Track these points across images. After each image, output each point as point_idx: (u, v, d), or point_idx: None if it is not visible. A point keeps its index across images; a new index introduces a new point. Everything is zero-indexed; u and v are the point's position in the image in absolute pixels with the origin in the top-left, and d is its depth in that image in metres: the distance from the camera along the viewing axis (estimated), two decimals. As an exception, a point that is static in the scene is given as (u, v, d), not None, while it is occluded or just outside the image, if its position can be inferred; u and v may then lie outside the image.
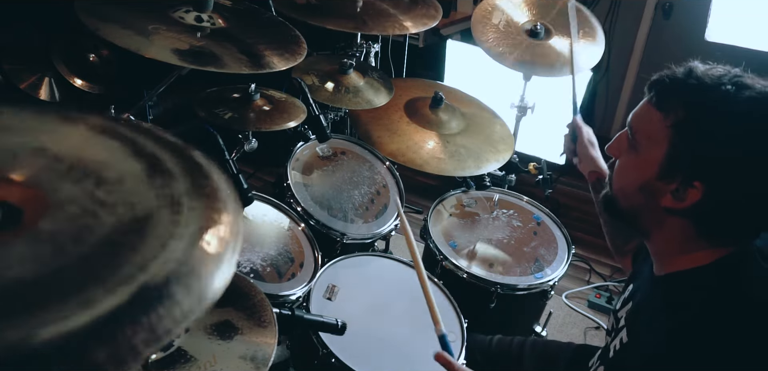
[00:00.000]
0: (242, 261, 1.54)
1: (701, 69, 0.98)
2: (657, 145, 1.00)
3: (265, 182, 3.03)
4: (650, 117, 1.01)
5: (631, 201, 1.08)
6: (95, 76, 2.53)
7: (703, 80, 0.96)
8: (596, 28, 2.15)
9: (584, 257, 2.87)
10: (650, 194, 1.02)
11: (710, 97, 0.94)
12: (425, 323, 1.55)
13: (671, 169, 0.98)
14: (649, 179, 1.01)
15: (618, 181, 1.11)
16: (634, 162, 1.05)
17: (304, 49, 1.50)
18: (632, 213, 1.09)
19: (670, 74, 1.00)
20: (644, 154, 1.02)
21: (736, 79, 0.94)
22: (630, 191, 1.07)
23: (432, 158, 1.90)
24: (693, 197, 0.96)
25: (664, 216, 1.02)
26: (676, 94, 0.98)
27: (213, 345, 1.11)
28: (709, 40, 2.94)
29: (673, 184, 0.98)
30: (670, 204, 0.99)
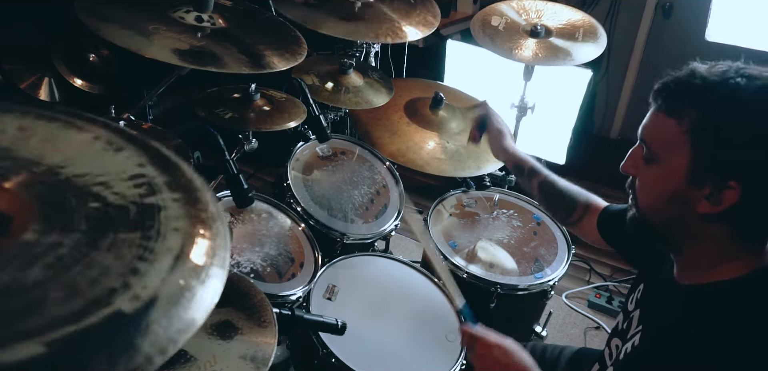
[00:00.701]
0: (242, 261, 1.54)
1: (703, 67, 0.96)
2: (678, 152, 0.96)
3: (265, 182, 3.03)
4: (663, 126, 0.99)
5: (663, 216, 1.03)
6: (95, 76, 2.53)
7: (709, 78, 0.94)
8: (597, 28, 2.15)
9: (584, 257, 2.87)
10: (683, 203, 0.98)
11: (721, 93, 0.93)
12: (425, 323, 1.56)
13: (699, 173, 0.95)
14: (679, 188, 0.97)
15: (644, 198, 1.05)
16: (656, 174, 1.01)
17: (304, 49, 1.50)
18: (665, 228, 1.04)
19: (674, 78, 0.98)
20: (666, 164, 0.99)
21: (741, 71, 0.93)
22: (660, 206, 1.02)
23: (432, 159, 1.90)
24: (730, 199, 0.92)
25: (701, 224, 0.97)
26: (685, 97, 0.96)
27: (213, 345, 1.11)
28: (709, 40, 2.93)
29: (706, 188, 0.94)
30: (707, 210, 0.95)
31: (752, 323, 0.93)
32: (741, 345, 0.92)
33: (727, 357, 0.92)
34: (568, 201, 1.50)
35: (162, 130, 1.58)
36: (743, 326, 0.93)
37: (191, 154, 1.46)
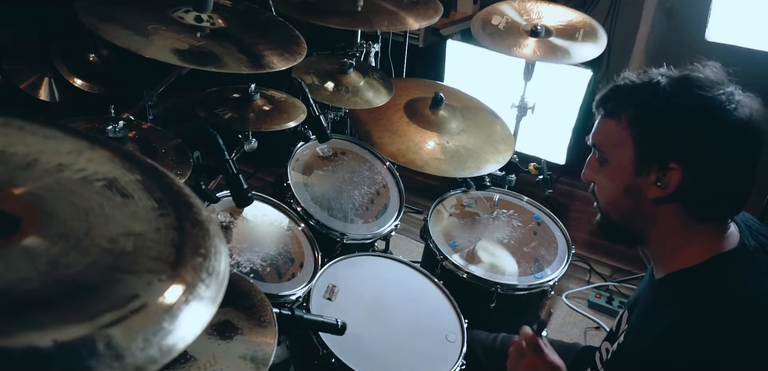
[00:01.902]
0: (242, 261, 1.54)
1: (633, 75, 1.10)
2: (622, 147, 1.08)
3: (265, 182, 3.03)
4: (607, 128, 1.11)
5: (620, 210, 1.13)
6: (95, 76, 2.54)
7: (636, 81, 1.09)
8: (596, 28, 2.16)
9: (584, 257, 2.87)
10: (636, 193, 1.08)
11: (647, 89, 1.06)
12: (425, 323, 1.56)
13: (643, 161, 1.05)
14: (629, 180, 1.08)
15: (603, 197, 1.16)
16: (609, 173, 1.12)
17: (304, 48, 1.50)
18: (626, 221, 1.13)
19: (611, 86, 1.12)
20: (615, 162, 1.10)
21: (662, 72, 1.07)
22: (616, 200, 1.12)
23: (432, 159, 1.90)
24: (675, 179, 1.03)
25: (654, 209, 1.07)
26: (620, 99, 1.09)
27: (213, 345, 1.11)
28: (710, 40, 2.93)
29: (652, 175, 1.05)
30: (656, 195, 1.05)
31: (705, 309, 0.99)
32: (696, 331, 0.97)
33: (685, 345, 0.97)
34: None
35: (162, 130, 1.58)
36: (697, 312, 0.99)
37: (191, 153, 1.46)
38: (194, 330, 0.52)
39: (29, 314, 0.48)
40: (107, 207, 0.62)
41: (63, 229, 0.58)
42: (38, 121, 0.71)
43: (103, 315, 0.49)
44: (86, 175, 0.66)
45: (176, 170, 1.45)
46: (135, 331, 0.49)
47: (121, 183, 0.66)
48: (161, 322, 0.51)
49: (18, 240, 0.55)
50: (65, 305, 0.50)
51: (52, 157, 0.66)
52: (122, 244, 0.57)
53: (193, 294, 0.55)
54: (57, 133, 0.71)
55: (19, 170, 0.63)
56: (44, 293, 0.51)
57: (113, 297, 0.51)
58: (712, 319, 0.97)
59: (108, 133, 1.40)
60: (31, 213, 0.58)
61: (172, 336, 0.50)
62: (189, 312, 0.53)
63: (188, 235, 0.61)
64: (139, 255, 0.57)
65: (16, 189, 0.61)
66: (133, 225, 0.60)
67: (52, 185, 0.63)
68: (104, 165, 0.68)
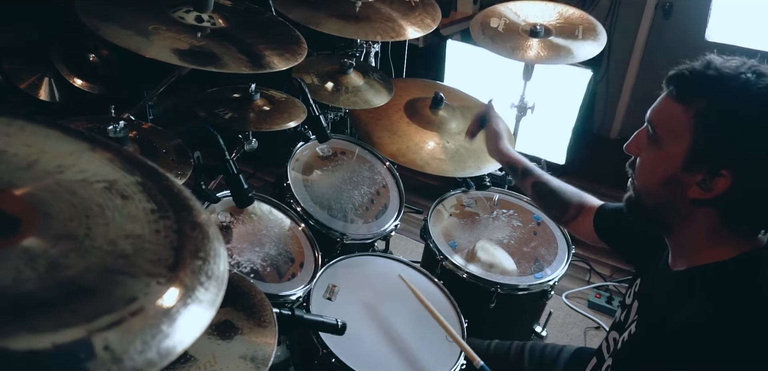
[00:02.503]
0: (242, 261, 1.54)
1: (718, 60, 0.98)
2: (680, 137, 0.99)
3: (265, 182, 3.03)
4: (671, 110, 1.01)
5: (656, 198, 1.06)
6: (95, 76, 2.54)
7: (722, 70, 0.96)
8: (596, 26, 2.15)
9: (584, 257, 2.87)
10: (676, 187, 1.01)
11: (731, 85, 0.95)
12: (425, 323, 1.56)
13: (696, 159, 0.98)
14: (675, 172, 1.00)
15: (641, 178, 1.09)
16: (656, 157, 1.04)
17: (304, 49, 1.50)
18: (658, 210, 1.08)
19: (689, 67, 1.00)
20: (667, 148, 1.02)
21: (753, 67, 0.95)
22: (655, 187, 1.06)
23: (432, 159, 1.90)
24: (721, 186, 0.96)
25: (690, 208, 1.01)
26: (697, 85, 0.98)
27: (213, 345, 1.11)
28: (710, 40, 2.93)
29: (699, 175, 0.98)
30: (697, 196, 0.99)
31: (732, 304, 0.96)
32: (722, 325, 0.95)
33: (710, 338, 0.95)
34: (561, 200, 1.53)
35: (162, 130, 1.58)
36: (724, 307, 0.96)
37: (191, 153, 1.46)
38: (193, 333, 0.52)
39: (28, 315, 0.48)
40: (107, 209, 0.62)
41: (63, 231, 0.58)
42: (39, 122, 0.71)
43: (101, 317, 0.49)
44: (86, 176, 0.66)
45: (176, 170, 1.45)
46: (133, 334, 0.49)
47: (121, 185, 0.66)
48: (160, 325, 0.51)
49: (18, 240, 0.55)
50: (64, 307, 0.50)
51: (53, 158, 0.66)
52: (121, 246, 0.58)
53: (192, 298, 0.55)
54: (58, 134, 0.71)
55: (20, 171, 0.63)
56: (43, 294, 0.51)
57: (112, 299, 0.51)
58: (743, 311, 0.94)
59: (108, 133, 1.40)
60: (31, 214, 0.58)
61: (170, 339, 0.50)
62: (187, 315, 0.53)
63: (187, 238, 0.61)
64: (138, 257, 0.57)
65: (16, 190, 0.61)
66: (132, 228, 0.60)
67: (53, 186, 0.63)
68: (104, 166, 0.68)
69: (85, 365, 0.45)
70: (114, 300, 0.51)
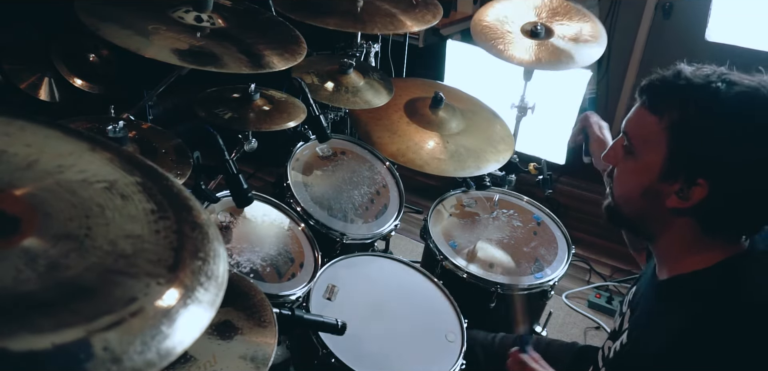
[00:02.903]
0: (242, 261, 1.54)
1: (689, 69, 1.00)
2: (655, 147, 1.01)
3: (265, 182, 3.03)
4: (645, 121, 1.03)
5: (634, 208, 1.08)
6: (95, 76, 2.54)
7: (693, 80, 0.98)
8: (597, 26, 2.15)
9: (584, 257, 2.87)
10: (654, 197, 1.03)
11: (702, 95, 0.96)
12: (425, 323, 1.56)
13: (672, 169, 0.99)
14: (652, 182, 1.02)
15: (619, 188, 1.11)
16: (633, 167, 1.06)
17: (304, 48, 1.50)
18: (637, 219, 1.10)
19: (660, 77, 1.02)
20: (643, 158, 1.03)
21: (723, 76, 0.96)
22: (633, 197, 1.07)
23: (432, 159, 1.90)
24: (698, 195, 0.97)
25: (669, 217, 1.03)
26: (669, 96, 1.00)
27: (213, 345, 1.11)
28: (709, 40, 2.93)
29: (676, 184, 0.99)
30: (675, 205, 1.00)
31: (711, 315, 0.97)
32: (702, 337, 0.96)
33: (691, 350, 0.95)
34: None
35: (162, 130, 1.58)
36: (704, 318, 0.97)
37: (191, 153, 1.46)
38: (192, 333, 0.52)
39: (28, 316, 0.48)
40: (107, 209, 0.62)
41: (63, 231, 0.58)
42: (39, 122, 0.71)
43: (101, 317, 0.49)
44: (86, 176, 0.66)
45: (176, 170, 1.45)
46: (133, 334, 0.49)
47: (121, 185, 0.66)
48: (159, 326, 0.51)
49: (18, 240, 0.55)
50: (64, 307, 0.50)
51: (53, 158, 0.66)
52: (121, 247, 0.58)
53: (192, 298, 0.55)
54: (58, 134, 0.71)
55: (20, 171, 0.63)
56: (43, 294, 0.51)
57: (111, 299, 0.51)
58: (722, 320, 0.95)
59: (108, 133, 1.39)
60: (31, 214, 0.58)
61: (170, 339, 0.50)
62: (187, 315, 0.53)
63: (187, 238, 0.61)
64: (138, 257, 0.57)
65: (16, 190, 0.61)
66: (132, 228, 0.60)
67: (53, 186, 0.63)
68: (104, 166, 0.68)
69: (84, 365, 0.45)
70: (114, 301, 0.51)
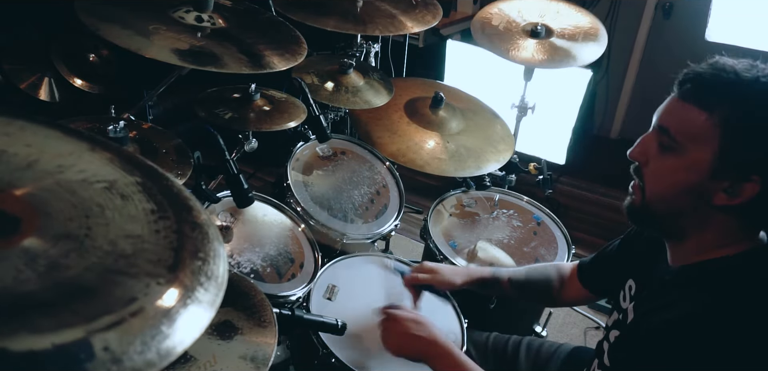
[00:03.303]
0: (242, 262, 1.54)
1: (731, 62, 0.96)
2: (704, 144, 0.96)
3: (265, 182, 3.03)
4: (691, 116, 0.97)
5: (673, 206, 1.02)
6: (95, 76, 2.54)
7: (741, 74, 0.94)
8: (597, 28, 2.15)
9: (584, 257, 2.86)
10: (700, 195, 0.98)
11: (755, 90, 0.93)
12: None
13: (723, 167, 0.95)
14: (700, 180, 0.97)
15: (654, 186, 1.04)
16: (676, 164, 1.00)
17: (304, 49, 1.50)
18: (671, 217, 1.04)
19: (706, 70, 0.98)
20: (690, 156, 0.97)
21: (765, 70, 0.94)
22: (673, 195, 1.01)
23: (432, 159, 1.90)
24: (749, 192, 0.94)
25: (710, 214, 0.99)
26: (718, 90, 0.95)
27: (213, 345, 1.11)
28: (710, 40, 2.94)
29: (726, 182, 0.95)
30: (724, 202, 0.96)
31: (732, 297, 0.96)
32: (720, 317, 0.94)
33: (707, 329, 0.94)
34: (541, 281, 1.53)
35: (162, 130, 1.58)
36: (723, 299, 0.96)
37: (191, 153, 1.46)
38: (192, 333, 0.52)
39: (28, 316, 0.48)
40: (107, 209, 0.62)
41: (63, 231, 0.58)
42: (39, 122, 0.71)
43: (101, 318, 0.49)
44: (86, 176, 0.66)
45: (176, 170, 1.45)
46: (133, 335, 0.49)
47: (121, 185, 0.66)
48: (159, 326, 0.51)
49: (18, 240, 0.55)
50: (64, 307, 0.50)
51: (53, 158, 0.66)
52: (121, 247, 0.58)
53: (192, 298, 0.55)
54: (58, 134, 0.71)
55: (20, 171, 0.63)
56: (43, 294, 0.51)
57: (111, 299, 0.51)
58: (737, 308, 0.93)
59: (108, 133, 1.40)
60: (31, 213, 0.59)
61: (170, 339, 0.50)
62: (187, 315, 0.53)
63: (187, 238, 0.61)
64: (138, 257, 0.57)
65: (16, 190, 0.61)
66: (132, 228, 0.60)
67: (53, 186, 0.63)
68: (104, 166, 0.68)
69: (84, 365, 0.45)
70: (114, 301, 0.51)
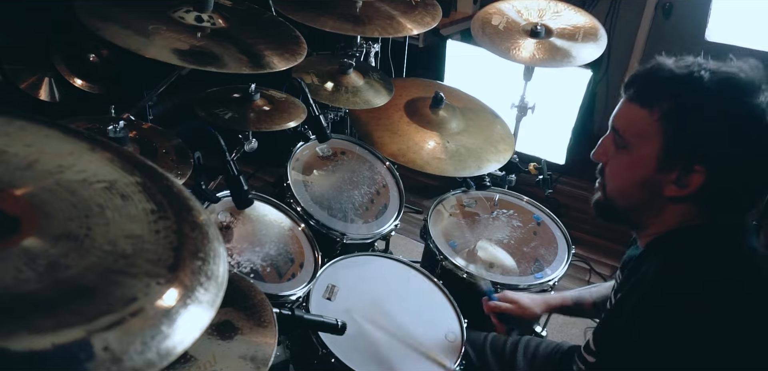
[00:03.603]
0: (242, 261, 1.54)
1: (670, 61, 1.04)
2: (649, 140, 1.03)
3: (265, 182, 3.03)
4: (636, 115, 1.05)
5: (631, 200, 1.10)
6: (95, 76, 2.54)
7: (676, 71, 1.02)
8: (597, 28, 2.15)
9: (584, 257, 2.87)
10: (652, 188, 1.05)
11: (688, 84, 1.00)
12: (425, 322, 1.56)
13: (669, 159, 1.01)
14: (649, 174, 1.04)
15: (613, 183, 1.12)
16: (628, 161, 1.07)
17: (304, 49, 1.50)
18: (632, 211, 1.12)
19: (645, 70, 1.06)
20: (638, 152, 1.05)
21: (702, 65, 1.01)
22: (629, 190, 1.09)
23: (433, 159, 1.90)
24: (696, 181, 1.00)
25: (667, 205, 1.05)
26: (657, 88, 1.03)
27: (213, 345, 1.11)
28: (709, 40, 2.94)
29: (674, 173, 1.01)
30: (674, 193, 1.03)
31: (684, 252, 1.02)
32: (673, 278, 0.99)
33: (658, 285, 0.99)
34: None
35: (162, 130, 1.58)
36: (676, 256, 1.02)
37: (191, 154, 1.46)
38: (192, 333, 0.52)
39: (28, 316, 0.48)
40: (107, 209, 0.62)
41: (63, 231, 0.58)
42: (39, 122, 0.71)
43: (101, 318, 0.49)
44: (86, 176, 0.66)
45: (176, 170, 1.45)
46: (133, 335, 0.49)
47: (121, 185, 0.66)
48: (159, 326, 0.51)
49: (17, 240, 0.55)
50: (64, 307, 0.50)
51: (53, 158, 0.66)
52: (121, 246, 0.58)
53: (192, 298, 0.55)
54: (58, 134, 0.71)
55: (20, 171, 0.63)
56: (43, 295, 0.51)
57: (112, 299, 0.51)
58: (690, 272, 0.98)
59: (108, 133, 1.40)
60: (30, 214, 0.58)
61: (170, 339, 0.50)
62: (187, 315, 0.53)
63: (187, 238, 0.61)
64: (138, 257, 0.57)
65: (16, 190, 0.61)
66: (132, 228, 0.60)
67: (53, 186, 0.63)
68: (104, 166, 0.68)
69: (84, 365, 0.45)
70: (114, 301, 0.51)
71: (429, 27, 2.04)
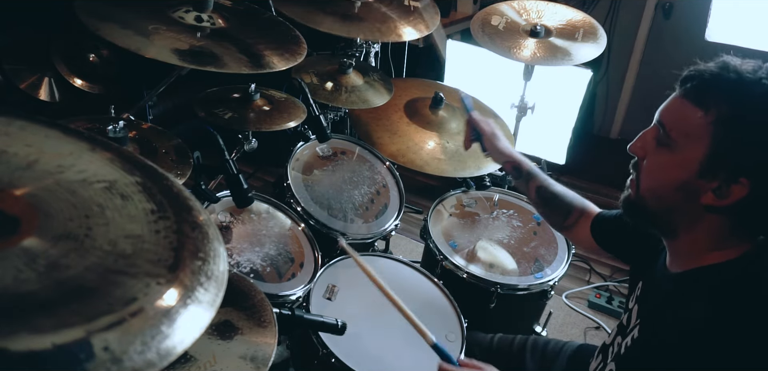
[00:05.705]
0: (242, 261, 1.54)
1: (736, 62, 0.96)
2: (696, 141, 0.96)
3: (265, 182, 3.03)
4: (687, 113, 0.97)
5: (664, 202, 1.03)
6: (95, 76, 2.53)
7: (743, 75, 0.93)
8: (596, 28, 2.15)
9: (584, 257, 2.87)
10: (689, 193, 0.98)
11: (753, 92, 0.92)
12: (425, 322, 1.56)
13: (713, 166, 0.94)
14: (690, 178, 0.97)
15: (649, 181, 1.05)
16: (669, 160, 1.00)
17: (304, 49, 1.50)
18: (664, 214, 1.04)
19: (707, 68, 0.97)
20: (682, 152, 0.98)
21: None
22: (665, 191, 1.02)
23: (432, 159, 1.90)
24: (737, 194, 0.93)
25: (701, 214, 0.98)
26: (717, 89, 0.95)
27: (213, 345, 1.11)
28: (709, 40, 2.94)
29: (715, 182, 0.95)
30: (711, 202, 0.96)
31: (735, 306, 0.95)
32: (724, 328, 0.93)
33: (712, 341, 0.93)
34: (564, 205, 1.52)
35: (162, 130, 1.58)
36: (727, 309, 0.95)
37: (191, 153, 1.46)
38: (192, 333, 0.52)
39: (28, 316, 0.48)
40: (107, 209, 0.62)
41: (63, 231, 0.58)
42: (39, 122, 0.71)
43: (101, 318, 0.49)
44: (86, 176, 0.66)
45: (176, 170, 1.45)
46: (133, 334, 0.49)
47: (121, 185, 0.66)
48: (159, 326, 0.51)
49: (17, 240, 0.55)
50: (64, 307, 0.50)
51: (53, 158, 0.66)
52: (121, 246, 0.58)
53: (192, 298, 0.55)
54: (58, 134, 0.71)
55: (20, 171, 0.63)
56: (43, 295, 0.51)
57: (111, 299, 0.51)
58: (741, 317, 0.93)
59: (108, 133, 1.40)
60: (30, 214, 0.58)
61: (170, 339, 0.50)
62: (187, 315, 0.53)
63: (187, 238, 0.61)
64: (138, 257, 0.57)
65: (16, 190, 0.61)
66: (132, 228, 0.60)
67: (53, 186, 0.63)
68: (104, 166, 0.68)
69: (84, 365, 0.45)
70: (114, 301, 0.51)
71: (425, 33, 2.05)
